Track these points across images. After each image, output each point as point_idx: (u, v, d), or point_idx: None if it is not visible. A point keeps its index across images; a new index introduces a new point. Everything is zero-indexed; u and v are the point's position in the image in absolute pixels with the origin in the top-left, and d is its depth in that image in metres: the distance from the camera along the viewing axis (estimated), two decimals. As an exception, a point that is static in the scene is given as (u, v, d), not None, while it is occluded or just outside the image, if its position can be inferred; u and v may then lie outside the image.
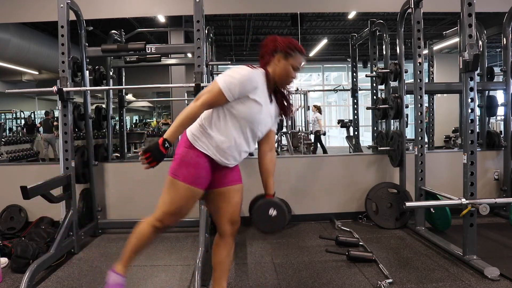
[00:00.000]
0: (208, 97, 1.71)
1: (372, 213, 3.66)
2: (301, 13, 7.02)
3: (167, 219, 1.82)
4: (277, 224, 1.87)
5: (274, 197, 1.93)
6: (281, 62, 1.79)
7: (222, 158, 1.81)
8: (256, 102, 1.75)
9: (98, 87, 4.12)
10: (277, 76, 1.81)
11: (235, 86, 1.69)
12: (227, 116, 1.76)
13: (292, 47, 1.79)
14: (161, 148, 1.66)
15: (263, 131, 1.86)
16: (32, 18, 4.27)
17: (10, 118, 14.04)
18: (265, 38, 1.86)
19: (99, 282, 2.51)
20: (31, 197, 2.50)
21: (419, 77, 3.38)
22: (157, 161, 1.67)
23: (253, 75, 1.73)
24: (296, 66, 1.81)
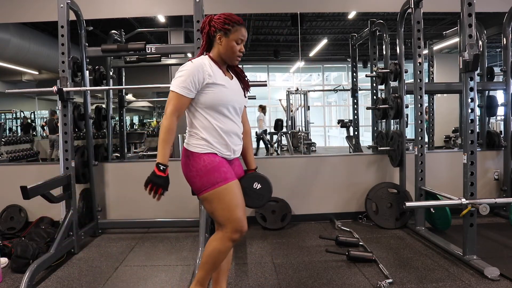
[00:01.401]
0: (172, 104, 1.70)
1: (372, 213, 3.66)
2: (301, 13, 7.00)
3: (241, 224, 1.73)
4: (263, 197, 1.87)
5: (256, 171, 1.92)
6: (222, 40, 1.77)
7: (226, 151, 1.79)
8: (217, 84, 1.74)
9: (98, 87, 4.12)
10: (222, 54, 1.79)
11: (185, 80, 1.69)
12: (205, 112, 1.76)
13: (228, 22, 1.76)
14: (158, 173, 1.65)
15: (240, 107, 1.86)
16: (32, 18, 4.26)
17: (10, 118, 14.02)
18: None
19: (99, 282, 2.51)
20: (31, 197, 2.50)
21: (419, 77, 3.38)
22: (162, 186, 1.65)
23: (196, 64, 1.72)
24: (239, 39, 1.78)
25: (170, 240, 3.38)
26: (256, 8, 4.30)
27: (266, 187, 1.86)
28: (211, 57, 1.81)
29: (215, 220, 1.82)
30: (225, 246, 1.76)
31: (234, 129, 1.82)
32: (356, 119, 5.34)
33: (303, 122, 9.43)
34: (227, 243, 1.75)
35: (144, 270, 2.72)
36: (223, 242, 1.75)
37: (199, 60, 1.76)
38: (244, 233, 1.76)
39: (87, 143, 3.54)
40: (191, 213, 3.49)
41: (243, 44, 1.81)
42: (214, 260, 1.78)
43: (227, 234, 1.74)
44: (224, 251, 1.77)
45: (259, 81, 3.17)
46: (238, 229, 1.73)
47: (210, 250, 1.78)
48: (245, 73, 1.95)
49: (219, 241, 1.77)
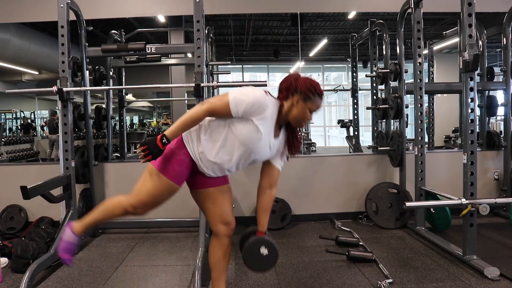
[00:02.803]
0: (215, 105, 1.68)
1: (372, 213, 3.66)
2: (301, 13, 7.00)
3: (140, 207, 1.80)
4: (268, 263, 1.88)
5: (266, 235, 1.92)
6: (299, 103, 1.73)
7: (202, 165, 1.79)
8: (257, 129, 1.70)
9: (98, 87, 4.13)
10: (292, 116, 1.76)
11: (242, 103, 1.65)
12: (225, 130, 1.74)
13: (313, 90, 1.74)
14: (158, 143, 1.64)
15: (257, 159, 1.83)
16: (32, 18, 4.27)
17: (10, 118, 14.03)
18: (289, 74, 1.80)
19: (99, 282, 2.51)
20: (31, 197, 2.50)
21: (419, 77, 3.38)
22: (153, 155, 1.65)
23: (266, 102, 1.69)
24: (313, 109, 1.77)
25: (170, 240, 3.38)
26: (256, 8, 4.29)
27: (273, 253, 1.87)
28: (280, 107, 1.75)
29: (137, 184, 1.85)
30: (116, 208, 1.83)
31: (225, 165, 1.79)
32: (356, 119, 5.34)
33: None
34: (120, 209, 1.82)
35: (144, 270, 2.72)
36: (119, 205, 1.82)
37: (271, 101, 1.72)
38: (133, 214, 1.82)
39: (87, 143, 3.54)
40: (191, 213, 3.49)
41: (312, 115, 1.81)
42: (102, 214, 1.86)
43: (126, 202, 1.81)
44: (113, 211, 1.84)
45: (259, 81, 3.17)
46: (135, 206, 1.79)
47: (111, 202, 1.86)
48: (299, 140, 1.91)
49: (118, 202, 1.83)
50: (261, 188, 1.92)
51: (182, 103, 7.49)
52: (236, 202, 3.66)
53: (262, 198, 1.91)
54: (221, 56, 11.75)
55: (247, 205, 3.73)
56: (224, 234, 1.94)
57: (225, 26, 10.14)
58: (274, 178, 1.93)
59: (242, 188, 3.43)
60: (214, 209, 1.91)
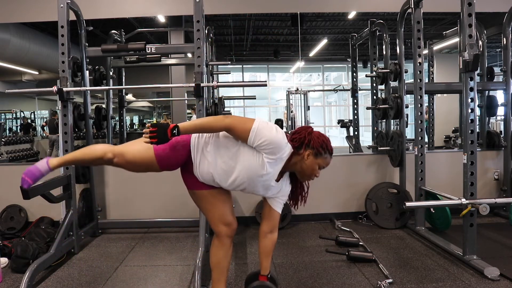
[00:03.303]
0: (237, 125, 1.69)
1: (372, 213, 3.66)
2: (301, 13, 7.00)
3: (119, 159, 1.83)
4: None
5: (268, 280, 1.96)
6: (309, 158, 1.79)
7: (198, 171, 1.82)
8: (263, 165, 1.73)
9: (98, 87, 4.12)
10: (301, 168, 1.81)
11: (262, 137, 1.68)
12: (235, 149, 1.76)
13: (325, 146, 1.80)
14: (168, 131, 1.65)
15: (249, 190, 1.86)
16: (32, 18, 4.27)
17: (10, 118, 14.03)
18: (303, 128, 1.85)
19: (99, 282, 2.51)
20: (31, 197, 2.48)
21: (419, 77, 3.38)
22: (159, 140, 1.65)
23: (285, 146, 1.74)
24: (322, 166, 1.84)
25: (170, 240, 3.38)
26: (256, 8, 4.30)
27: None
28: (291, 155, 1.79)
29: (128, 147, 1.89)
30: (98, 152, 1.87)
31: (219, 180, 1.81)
32: (356, 119, 5.33)
33: (303, 122, 9.42)
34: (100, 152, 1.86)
35: (144, 270, 2.72)
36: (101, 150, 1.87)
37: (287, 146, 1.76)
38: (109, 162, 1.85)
39: (87, 143, 3.54)
40: (191, 213, 3.49)
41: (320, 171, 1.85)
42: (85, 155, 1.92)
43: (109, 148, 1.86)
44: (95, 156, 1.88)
45: (259, 81, 3.16)
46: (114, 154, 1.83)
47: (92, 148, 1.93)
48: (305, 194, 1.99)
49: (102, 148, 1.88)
50: (262, 232, 1.97)
51: (182, 103, 7.48)
52: (236, 202, 3.66)
53: (264, 242, 1.96)
54: (221, 56, 11.74)
55: (247, 205, 3.73)
56: (225, 235, 1.95)
57: (225, 26, 10.13)
58: (274, 221, 1.97)
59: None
60: (213, 210, 1.92)
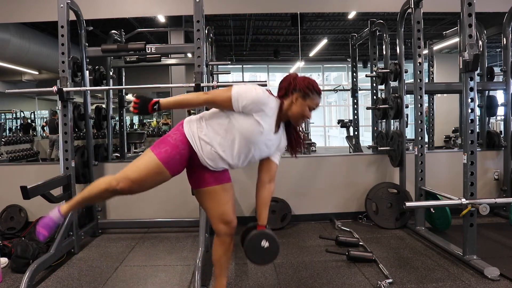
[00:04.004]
0: (217, 97, 1.75)
1: (372, 213, 3.66)
2: (301, 13, 7.01)
3: (124, 183, 1.77)
4: (270, 256, 1.90)
5: (267, 228, 1.94)
6: (298, 101, 1.80)
7: (203, 154, 1.81)
8: (258, 124, 1.75)
9: (98, 87, 4.13)
10: (291, 113, 1.82)
11: (243, 99, 1.71)
12: (227, 122, 1.78)
13: (311, 87, 1.80)
14: (149, 105, 1.77)
15: (256, 154, 1.85)
16: (32, 18, 4.27)
17: (10, 118, 14.03)
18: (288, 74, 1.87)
19: (99, 282, 2.51)
20: (31, 197, 2.50)
21: (419, 77, 3.38)
22: (138, 110, 1.78)
23: (267, 99, 1.75)
24: (312, 107, 1.84)
25: (170, 240, 3.38)
26: (256, 8, 4.29)
27: (274, 246, 1.89)
28: (281, 105, 1.82)
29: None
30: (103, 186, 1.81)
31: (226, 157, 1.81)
32: (356, 119, 5.34)
33: (303, 122, 9.42)
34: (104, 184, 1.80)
35: (144, 270, 2.72)
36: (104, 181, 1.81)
37: (272, 99, 1.78)
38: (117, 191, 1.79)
39: (87, 143, 3.54)
40: (191, 213, 3.49)
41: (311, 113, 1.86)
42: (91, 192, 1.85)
43: (112, 177, 1.80)
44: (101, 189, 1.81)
45: (259, 81, 3.16)
46: (119, 181, 1.77)
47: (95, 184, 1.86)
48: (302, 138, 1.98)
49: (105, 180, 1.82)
50: (260, 183, 1.94)
51: (182, 103, 7.46)
52: (236, 202, 3.66)
53: (262, 192, 1.93)
54: (221, 56, 11.75)
55: (247, 205, 3.72)
56: (224, 233, 1.96)
57: (225, 26, 10.14)
58: (272, 172, 1.97)
59: (241, 188, 3.43)
60: (215, 208, 1.92)
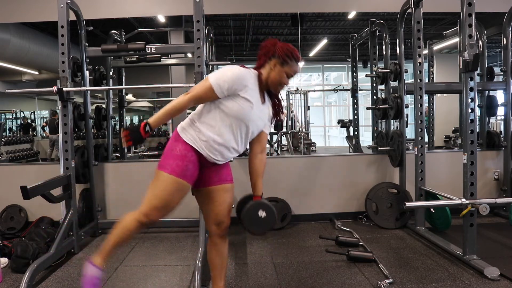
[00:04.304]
0: (198, 92, 1.75)
1: (372, 213, 3.66)
2: (301, 13, 7.01)
3: (153, 214, 1.78)
4: (267, 225, 1.88)
5: (262, 198, 1.94)
6: (276, 67, 1.81)
7: (209, 153, 1.80)
8: (247, 100, 1.76)
9: (98, 87, 4.12)
10: (270, 80, 1.83)
11: (224, 82, 1.71)
12: (218, 112, 1.78)
13: (290, 54, 1.80)
14: (141, 130, 1.71)
15: (254, 130, 1.86)
16: (32, 18, 4.27)
17: (10, 118, 14.03)
18: (266, 39, 1.88)
19: (99, 282, 2.51)
20: (31, 197, 2.50)
21: (419, 77, 3.38)
22: (134, 141, 1.73)
23: (244, 74, 1.76)
24: (290, 74, 1.83)
25: (170, 240, 3.38)
26: (256, 8, 4.30)
27: (271, 215, 1.88)
28: (259, 75, 1.83)
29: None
30: (130, 223, 1.80)
31: (230, 144, 1.82)
32: (356, 119, 5.33)
33: (303, 122, 9.43)
34: (134, 222, 1.80)
35: (144, 270, 2.72)
36: (132, 219, 1.81)
37: (248, 72, 1.79)
38: (150, 223, 1.78)
39: (87, 143, 3.54)
40: (191, 213, 3.48)
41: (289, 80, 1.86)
42: (118, 235, 1.83)
43: (138, 213, 1.80)
44: (128, 228, 1.81)
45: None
46: (147, 214, 1.78)
47: (122, 226, 1.83)
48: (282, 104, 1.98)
49: (130, 217, 1.82)
50: (253, 154, 1.95)
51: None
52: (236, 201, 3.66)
53: (255, 163, 1.94)
54: (221, 56, 11.75)
55: (247, 205, 3.72)
56: (215, 234, 1.96)
57: (225, 26, 10.14)
58: (263, 142, 1.97)
59: (241, 188, 3.43)
60: (212, 208, 1.93)
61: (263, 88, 1.85)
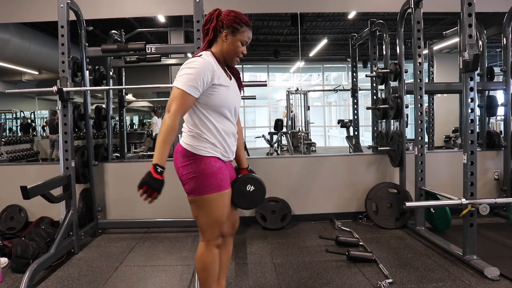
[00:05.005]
0: (177, 103, 1.60)
1: (372, 213, 3.66)
2: (301, 13, 7.01)
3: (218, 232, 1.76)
4: (256, 199, 1.86)
5: (249, 172, 1.91)
6: (228, 38, 1.71)
7: (225, 153, 1.77)
8: (222, 86, 1.70)
9: (98, 87, 4.12)
10: (225, 53, 1.74)
11: (195, 79, 1.61)
12: (207, 113, 1.70)
13: (239, 21, 1.70)
14: (154, 175, 1.54)
15: (237, 108, 1.82)
16: (32, 18, 4.26)
17: (10, 118, 14.03)
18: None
19: (99, 282, 2.51)
20: (31, 197, 2.50)
21: (419, 77, 3.38)
22: (157, 190, 1.55)
23: (205, 61, 1.65)
24: (244, 41, 1.74)
25: (170, 240, 3.38)
26: (256, 8, 4.29)
27: (260, 188, 1.86)
28: (213, 54, 1.74)
29: (198, 224, 1.78)
30: (212, 254, 1.77)
31: (233, 130, 1.80)
32: (356, 119, 5.34)
33: (303, 122, 9.43)
34: (213, 250, 1.77)
35: (144, 270, 2.72)
36: (209, 252, 1.77)
37: (207, 58, 1.68)
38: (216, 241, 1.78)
39: (87, 143, 3.54)
40: (191, 213, 3.49)
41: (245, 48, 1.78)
42: (211, 273, 1.78)
43: (210, 242, 1.76)
44: (214, 259, 1.78)
45: (259, 81, 3.16)
46: (218, 235, 1.77)
47: (202, 266, 1.78)
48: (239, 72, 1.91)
49: (205, 253, 1.77)
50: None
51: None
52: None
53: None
54: (221, 56, 11.72)
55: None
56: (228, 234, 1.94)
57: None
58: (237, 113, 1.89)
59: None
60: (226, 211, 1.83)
61: (223, 64, 1.77)
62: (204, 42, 1.78)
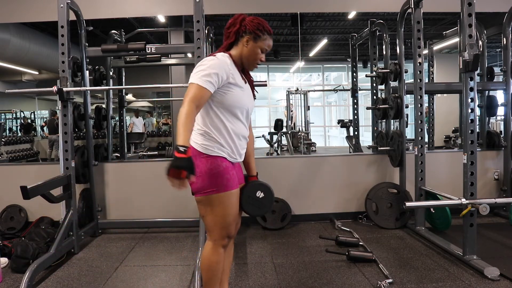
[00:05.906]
0: (192, 93, 1.57)
1: (372, 213, 3.66)
2: (301, 13, 7.01)
3: (226, 233, 1.75)
4: (265, 206, 1.86)
5: (258, 179, 1.91)
6: (249, 43, 1.73)
7: (233, 155, 1.75)
8: (237, 85, 1.71)
9: (98, 87, 4.13)
10: (244, 57, 1.76)
11: (210, 74, 1.60)
12: (220, 112, 1.70)
13: (261, 28, 1.72)
14: (179, 155, 1.44)
15: (250, 111, 1.82)
16: (32, 18, 4.27)
17: (10, 118, 14.04)
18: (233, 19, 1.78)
19: (99, 282, 2.51)
20: (31, 197, 2.50)
21: (419, 77, 3.38)
22: (186, 168, 1.43)
23: (220, 60, 1.66)
24: (264, 49, 1.76)
25: (170, 240, 3.38)
26: (256, 8, 4.29)
27: (269, 196, 1.86)
28: (231, 56, 1.75)
29: (204, 224, 1.79)
30: (218, 254, 1.77)
31: (244, 132, 1.80)
32: (356, 119, 5.34)
33: (303, 122, 9.44)
34: (219, 250, 1.77)
35: (144, 270, 2.72)
36: (215, 252, 1.76)
37: (222, 58, 1.68)
38: (223, 242, 1.76)
39: (87, 143, 3.54)
40: (191, 213, 3.49)
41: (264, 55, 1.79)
42: (215, 272, 1.78)
43: (216, 242, 1.75)
44: (220, 259, 1.77)
45: (259, 81, 3.16)
46: (225, 235, 1.76)
47: (207, 266, 1.77)
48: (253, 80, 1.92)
49: (211, 252, 1.77)
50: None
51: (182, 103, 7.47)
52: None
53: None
54: (221, 56, 11.70)
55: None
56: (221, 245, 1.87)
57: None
58: (249, 119, 1.89)
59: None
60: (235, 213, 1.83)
61: (239, 67, 1.78)
62: (224, 44, 1.80)
